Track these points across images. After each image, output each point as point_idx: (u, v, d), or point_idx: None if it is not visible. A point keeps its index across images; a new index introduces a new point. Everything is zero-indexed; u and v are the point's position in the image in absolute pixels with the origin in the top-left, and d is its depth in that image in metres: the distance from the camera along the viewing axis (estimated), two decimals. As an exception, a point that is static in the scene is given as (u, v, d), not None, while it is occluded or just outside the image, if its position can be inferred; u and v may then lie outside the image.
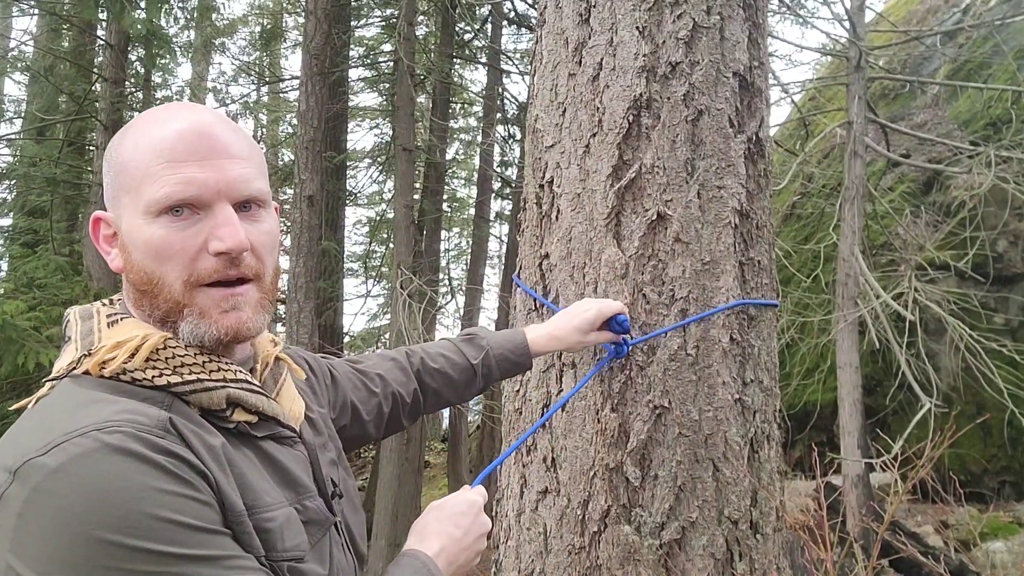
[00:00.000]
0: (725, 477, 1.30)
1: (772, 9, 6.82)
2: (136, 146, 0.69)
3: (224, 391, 0.68)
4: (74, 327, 0.70)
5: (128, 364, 0.65)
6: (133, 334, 0.67)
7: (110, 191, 0.71)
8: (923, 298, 5.13)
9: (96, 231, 0.73)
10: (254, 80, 11.57)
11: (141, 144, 0.69)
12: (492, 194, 10.83)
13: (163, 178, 0.67)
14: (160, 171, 0.68)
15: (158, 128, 0.70)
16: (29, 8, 8.03)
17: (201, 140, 0.70)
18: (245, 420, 0.70)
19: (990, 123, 6.62)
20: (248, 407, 0.70)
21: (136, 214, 0.69)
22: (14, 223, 8.58)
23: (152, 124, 0.71)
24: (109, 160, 0.71)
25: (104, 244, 0.73)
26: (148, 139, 0.69)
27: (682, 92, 1.38)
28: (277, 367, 0.82)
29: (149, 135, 0.70)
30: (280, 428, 0.74)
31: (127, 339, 0.66)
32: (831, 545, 1.66)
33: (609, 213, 1.37)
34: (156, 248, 0.68)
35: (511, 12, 9.40)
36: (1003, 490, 5.65)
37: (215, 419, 0.68)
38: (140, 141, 0.70)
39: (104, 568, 0.55)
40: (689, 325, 1.33)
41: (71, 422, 0.59)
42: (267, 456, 0.72)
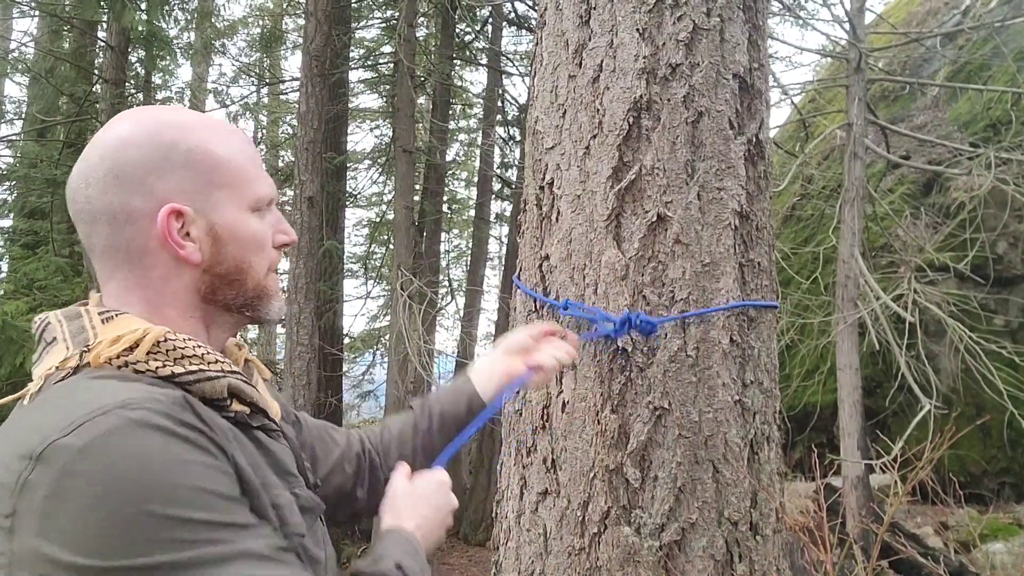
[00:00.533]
0: (725, 478, 1.31)
1: (772, 11, 6.83)
2: (229, 147, 0.75)
3: (225, 380, 0.70)
4: (58, 328, 0.69)
5: (130, 356, 0.66)
6: (132, 328, 0.68)
7: (190, 186, 0.72)
8: (923, 300, 5.13)
9: (168, 225, 0.71)
10: (254, 81, 11.58)
11: (232, 147, 0.75)
12: (492, 195, 10.84)
13: (260, 178, 0.77)
14: (255, 172, 0.77)
15: (233, 135, 0.77)
16: (30, 9, 8.04)
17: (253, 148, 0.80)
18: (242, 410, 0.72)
19: (990, 125, 6.63)
20: (244, 398, 0.72)
21: (239, 209, 0.74)
22: (14, 224, 8.59)
23: (224, 129, 0.77)
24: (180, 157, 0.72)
25: (178, 237, 0.72)
26: (235, 144, 0.76)
27: (682, 94, 1.38)
28: (247, 368, 0.83)
29: (231, 140, 0.76)
30: (268, 420, 0.77)
31: (126, 333, 0.67)
32: (831, 546, 1.66)
33: (609, 215, 1.37)
34: (259, 240, 0.76)
35: (511, 14, 9.41)
36: (1003, 491, 5.65)
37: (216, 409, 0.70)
38: (229, 144, 0.75)
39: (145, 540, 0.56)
40: (689, 327, 1.33)
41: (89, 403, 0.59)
42: (262, 445, 0.74)
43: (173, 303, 0.73)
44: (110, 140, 0.71)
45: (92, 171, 0.70)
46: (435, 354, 7.31)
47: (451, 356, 10.21)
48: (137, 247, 0.71)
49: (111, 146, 0.71)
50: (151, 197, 0.70)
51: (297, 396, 6.43)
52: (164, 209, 0.70)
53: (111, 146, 0.71)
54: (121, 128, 0.72)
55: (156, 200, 0.70)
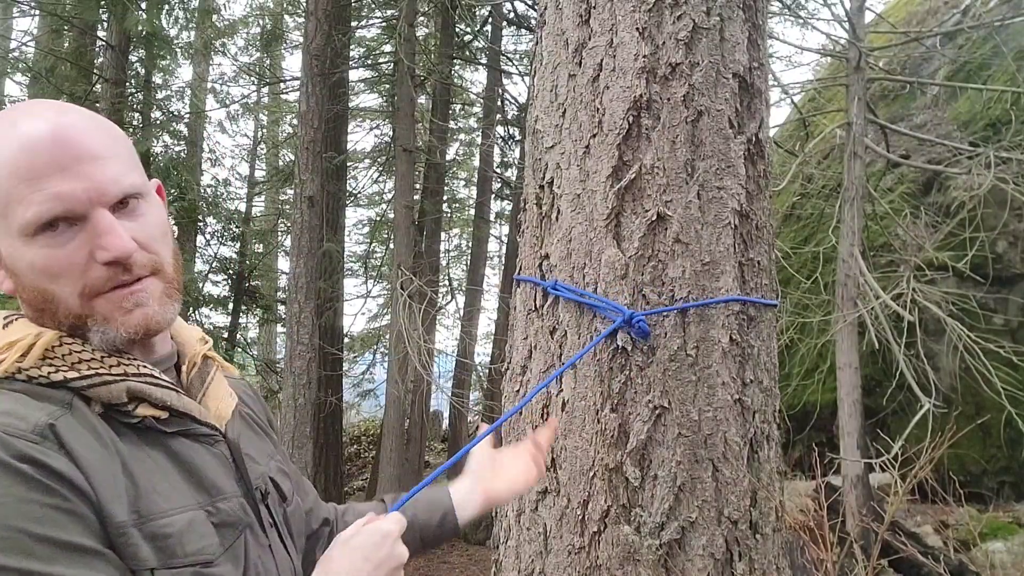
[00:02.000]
0: (725, 477, 1.31)
1: (772, 10, 6.83)
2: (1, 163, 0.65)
3: (124, 384, 0.66)
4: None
5: (22, 362, 0.64)
6: (26, 332, 0.66)
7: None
8: (922, 299, 5.13)
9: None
10: (254, 81, 11.58)
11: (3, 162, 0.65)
12: (492, 195, 10.84)
13: (28, 198, 0.64)
14: (24, 191, 0.64)
15: (11, 146, 0.65)
16: (30, 9, 8.03)
17: (58, 148, 0.65)
18: (152, 415, 0.68)
19: (990, 124, 6.62)
20: (154, 402, 0.68)
21: (12, 239, 0.66)
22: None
23: (6, 142, 0.66)
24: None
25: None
26: (5, 159, 0.65)
27: (682, 93, 1.38)
28: (205, 366, 0.79)
29: (5, 155, 0.65)
30: (195, 425, 0.72)
31: (19, 338, 0.65)
32: (831, 545, 1.66)
33: (609, 214, 1.37)
34: (42, 268, 0.67)
35: (511, 13, 9.41)
36: (1002, 490, 5.65)
37: (118, 414, 0.66)
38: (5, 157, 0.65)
39: None
40: (689, 326, 1.33)
41: None
42: (175, 455, 0.69)
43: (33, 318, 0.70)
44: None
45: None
46: (435, 353, 7.31)
47: (451, 355, 10.22)
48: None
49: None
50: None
51: (297, 395, 6.44)
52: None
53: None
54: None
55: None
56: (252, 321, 12.98)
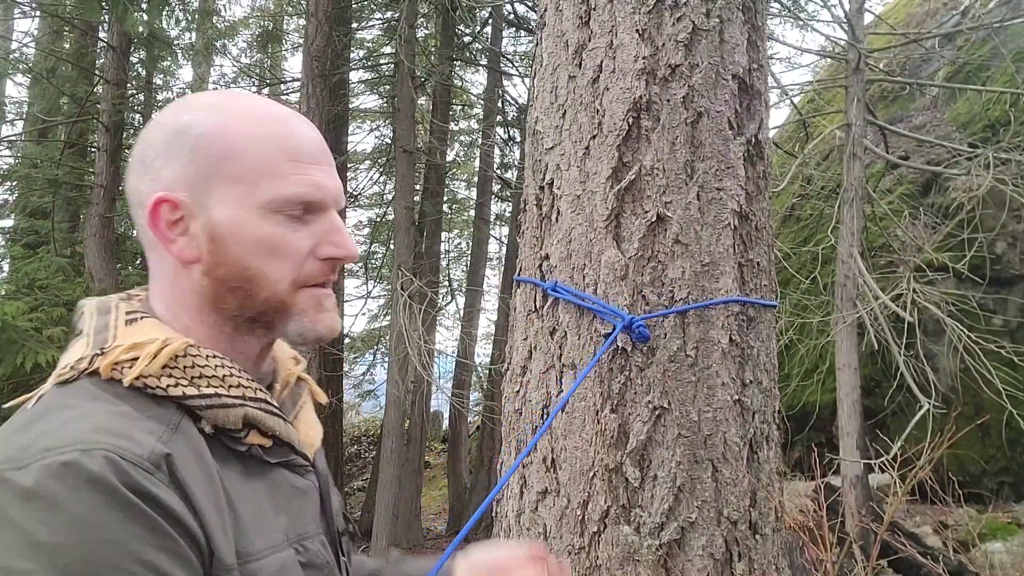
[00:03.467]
0: (724, 478, 1.31)
1: (771, 12, 6.84)
2: (251, 136, 0.65)
3: (242, 410, 0.62)
4: (88, 320, 0.64)
5: (144, 369, 0.59)
6: (153, 336, 0.61)
7: (194, 173, 0.64)
8: (922, 299, 5.14)
9: (157, 215, 0.64)
10: (255, 82, 11.59)
11: (258, 135, 0.66)
12: (492, 196, 10.85)
13: (291, 177, 0.66)
14: (288, 169, 0.66)
15: (275, 123, 0.67)
16: (31, 10, 8.04)
17: (321, 146, 0.70)
18: (260, 443, 0.64)
19: (989, 125, 6.63)
20: (264, 430, 0.64)
21: (246, 207, 0.65)
22: (16, 224, 8.59)
23: (264, 116, 0.67)
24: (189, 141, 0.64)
25: (166, 229, 0.65)
26: (267, 132, 0.66)
27: (681, 94, 1.39)
28: (298, 387, 0.76)
29: (266, 128, 0.66)
30: (294, 455, 0.68)
31: (146, 341, 0.61)
32: (830, 545, 1.67)
33: (609, 215, 1.38)
34: (271, 245, 0.66)
35: (511, 15, 9.42)
36: (1002, 491, 5.65)
37: (227, 439, 0.62)
38: (255, 132, 0.66)
39: None
40: (689, 326, 1.34)
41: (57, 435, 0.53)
42: (277, 486, 0.66)
43: (184, 305, 0.67)
44: (150, 122, 0.68)
45: (132, 152, 0.67)
46: (435, 354, 7.32)
47: (451, 356, 10.22)
48: (146, 236, 0.66)
49: (146, 127, 0.67)
50: (156, 182, 0.64)
51: (297, 396, 6.44)
52: (153, 197, 0.64)
53: (146, 127, 0.67)
54: (165, 109, 0.68)
55: (157, 186, 0.64)
56: (252, 322, 12.94)
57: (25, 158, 7.98)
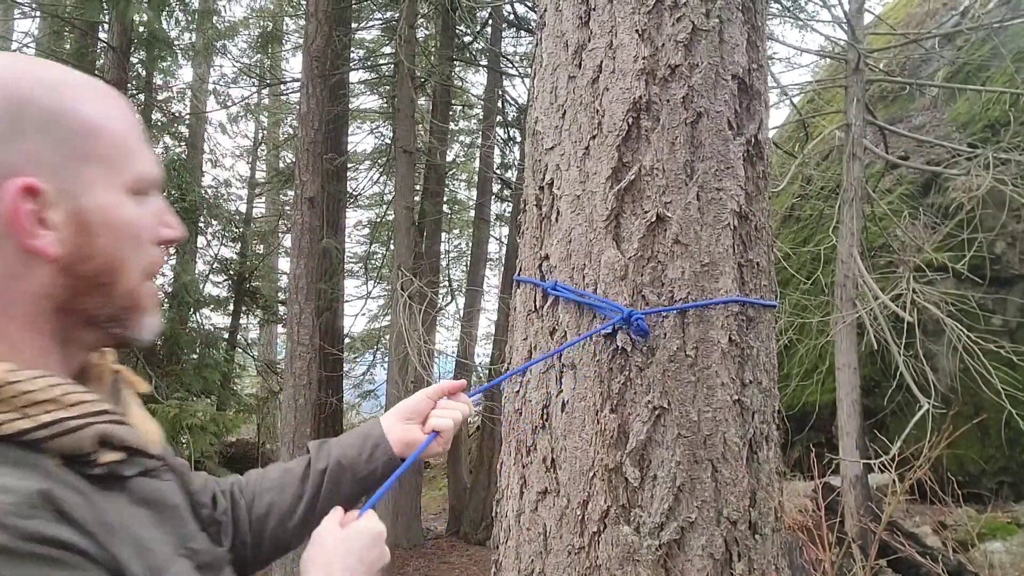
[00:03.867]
0: (724, 478, 1.31)
1: (771, 12, 6.84)
2: (106, 114, 0.58)
3: (92, 429, 0.54)
4: None
5: None
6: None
7: (53, 156, 0.54)
8: (921, 299, 5.14)
9: (18, 206, 0.53)
10: (255, 82, 11.59)
11: (112, 113, 0.59)
12: (492, 196, 10.85)
13: (145, 154, 0.60)
14: (140, 146, 0.60)
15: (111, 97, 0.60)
16: (31, 10, 8.04)
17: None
18: (114, 459, 0.57)
19: (988, 125, 6.64)
20: (117, 443, 0.57)
21: (113, 190, 0.57)
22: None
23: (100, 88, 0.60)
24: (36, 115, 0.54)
25: (27, 224, 0.53)
26: (115, 109, 0.59)
27: (681, 95, 1.39)
28: (115, 383, 0.66)
29: (111, 105, 0.59)
30: (146, 460, 0.61)
31: None
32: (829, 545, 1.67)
33: (609, 215, 1.38)
34: (138, 231, 0.59)
35: (511, 15, 9.42)
36: (1001, 491, 5.65)
37: (80, 465, 0.54)
38: (107, 109, 0.59)
39: None
40: (688, 326, 1.34)
41: None
42: (143, 500, 0.59)
43: (15, 313, 0.55)
44: None
45: None
46: (435, 354, 7.32)
47: (451, 356, 10.23)
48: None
49: None
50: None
51: (298, 396, 6.44)
52: (14, 184, 0.52)
53: None
54: None
55: (5, 170, 0.53)
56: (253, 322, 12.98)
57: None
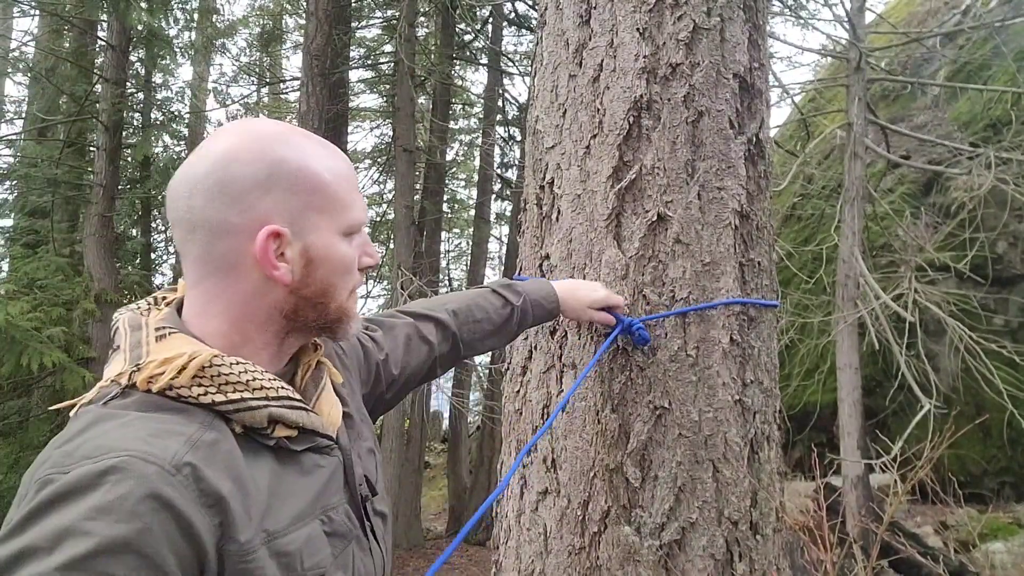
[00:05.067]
0: (725, 478, 1.31)
1: (773, 11, 6.83)
2: (332, 171, 0.76)
3: (266, 410, 0.70)
4: (123, 337, 0.72)
5: (175, 380, 0.67)
6: (181, 351, 0.68)
7: (292, 206, 0.73)
8: (923, 299, 5.13)
9: (267, 246, 0.72)
10: (255, 81, 11.59)
11: (335, 170, 0.77)
12: (492, 195, 10.85)
13: (356, 203, 0.79)
14: (355, 197, 0.79)
15: (336, 158, 0.78)
16: (30, 9, 8.04)
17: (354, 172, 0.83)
18: (286, 436, 0.72)
19: (990, 124, 6.62)
20: (289, 423, 0.72)
21: (333, 233, 0.76)
22: (15, 224, 8.59)
23: (328, 151, 0.78)
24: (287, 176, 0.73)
25: (273, 258, 0.73)
26: (336, 166, 0.77)
27: (682, 94, 1.38)
28: (318, 372, 0.84)
29: (334, 162, 0.77)
30: (318, 439, 0.76)
31: (175, 355, 0.68)
32: (831, 546, 1.66)
33: (609, 214, 1.37)
34: (348, 264, 0.78)
35: (512, 13, 9.41)
36: (1003, 491, 5.65)
37: (257, 435, 0.70)
38: (332, 166, 0.76)
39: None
40: (689, 326, 1.33)
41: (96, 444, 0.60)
42: (304, 470, 0.74)
43: (254, 318, 0.75)
44: (218, 152, 0.72)
45: (199, 182, 0.71)
46: (435, 354, 7.29)
47: (451, 356, 10.20)
48: (230, 261, 0.72)
49: (219, 158, 0.71)
50: (251, 214, 0.71)
51: (297, 395, 6.44)
52: (265, 230, 0.71)
53: (219, 158, 0.71)
54: (230, 141, 0.73)
55: (256, 218, 0.71)
56: (252, 321, 12.95)
57: (24, 157, 7.97)
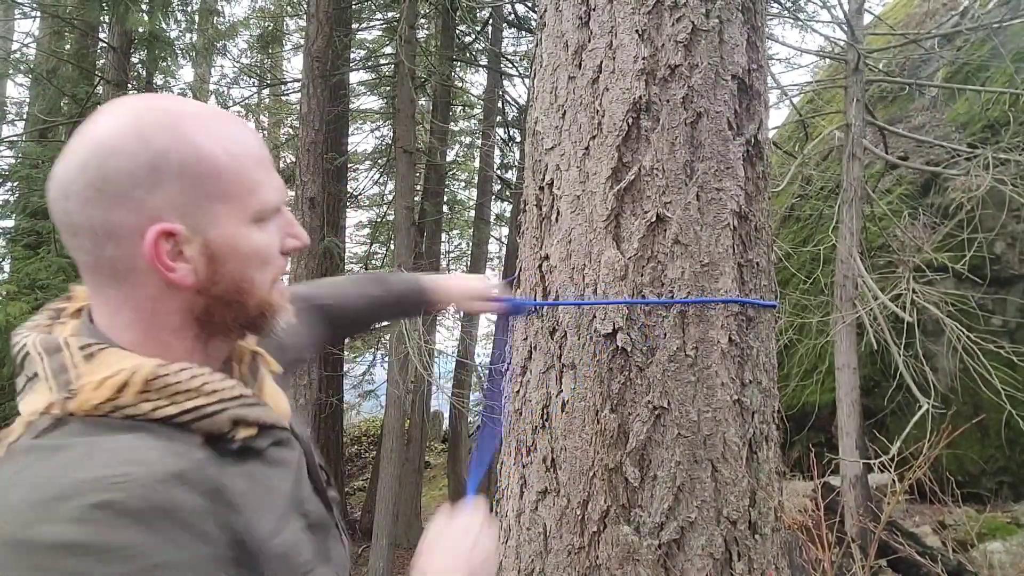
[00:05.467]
0: (724, 477, 1.31)
1: (771, 12, 6.84)
2: (230, 152, 0.65)
3: (225, 414, 0.64)
4: (40, 363, 0.61)
5: (119, 400, 0.59)
6: (120, 367, 0.60)
7: (186, 199, 0.63)
8: (921, 299, 5.14)
9: (159, 247, 0.62)
10: (255, 82, 11.60)
11: (235, 151, 0.66)
12: (492, 196, 10.86)
13: (267, 184, 0.68)
14: (264, 177, 0.68)
15: (238, 134, 0.67)
16: (31, 10, 8.05)
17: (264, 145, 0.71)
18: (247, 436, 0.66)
19: (988, 125, 6.64)
20: (249, 422, 0.66)
21: (240, 223, 0.66)
22: (16, 224, 8.59)
23: (227, 128, 0.67)
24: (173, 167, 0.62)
25: (167, 260, 0.63)
26: (240, 145, 0.66)
27: (681, 95, 1.39)
28: (253, 361, 0.77)
29: (235, 141, 0.66)
30: (278, 432, 0.71)
31: (111, 374, 0.60)
32: (829, 545, 1.67)
33: (608, 215, 1.38)
34: (263, 254, 0.68)
35: (511, 15, 9.43)
36: (1001, 490, 5.66)
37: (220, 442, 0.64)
38: (231, 147, 0.65)
39: None
40: (688, 326, 1.34)
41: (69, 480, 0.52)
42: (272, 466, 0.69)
43: (167, 325, 0.66)
44: (92, 145, 0.61)
45: (71, 182, 0.61)
46: (435, 354, 7.32)
47: (451, 356, 10.23)
48: (123, 267, 0.63)
49: (93, 152, 0.61)
50: (138, 213, 0.61)
51: (298, 396, 6.44)
52: (152, 230, 0.61)
53: (93, 152, 0.61)
54: (105, 129, 0.62)
55: (143, 216, 0.61)
56: (252, 322, 12.95)
57: (26, 158, 7.98)
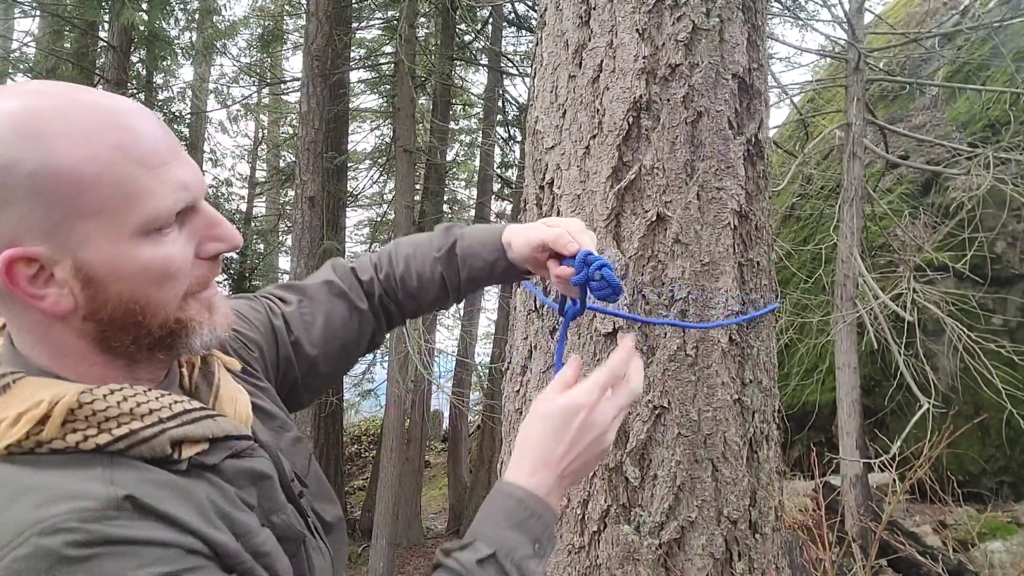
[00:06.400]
0: (724, 477, 1.31)
1: (771, 11, 6.84)
2: (99, 159, 0.54)
3: (164, 436, 0.57)
4: None
5: (42, 435, 0.53)
6: (38, 398, 0.54)
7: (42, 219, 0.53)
8: (921, 299, 5.14)
9: (13, 274, 0.54)
10: (255, 82, 11.60)
11: (103, 154, 0.54)
12: (492, 195, 10.85)
13: (157, 188, 0.56)
14: (150, 180, 0.56)
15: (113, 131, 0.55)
16: (31, 9, 8.05)
17: (167, 136, 0.58)
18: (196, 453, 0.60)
19: (988, 125, 6.63)
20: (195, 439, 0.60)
21: (120, 239, 0.55)
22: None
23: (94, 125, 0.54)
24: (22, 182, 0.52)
25: (29, 288, 0.55)
26: (111, 145, 0.54)
27: (682, 94, 1.39)
28: (206, 366, 0.69)
29: (107, 140, 0.54)
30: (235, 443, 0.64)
31: (29, 407, 0.54)
32: (829, 545, 1.67)
33: (609, 214, 1.38)
34: (160, 271, 0.58)
35: (512, 14, 9.42)
36: (1001, 490, 5.66)
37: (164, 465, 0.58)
38: (99, 152, 0.54)
39: None
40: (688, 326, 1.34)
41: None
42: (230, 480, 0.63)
43: (70, 351, 0.59)
44: None
45: None
46: (435, 353, 7.32)
47: (451, 355, 10.23)
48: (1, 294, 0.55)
49: None
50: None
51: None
52: (5, 255, 0.53)
53: None
54: None
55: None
56: (252, 321, 12.95)
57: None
